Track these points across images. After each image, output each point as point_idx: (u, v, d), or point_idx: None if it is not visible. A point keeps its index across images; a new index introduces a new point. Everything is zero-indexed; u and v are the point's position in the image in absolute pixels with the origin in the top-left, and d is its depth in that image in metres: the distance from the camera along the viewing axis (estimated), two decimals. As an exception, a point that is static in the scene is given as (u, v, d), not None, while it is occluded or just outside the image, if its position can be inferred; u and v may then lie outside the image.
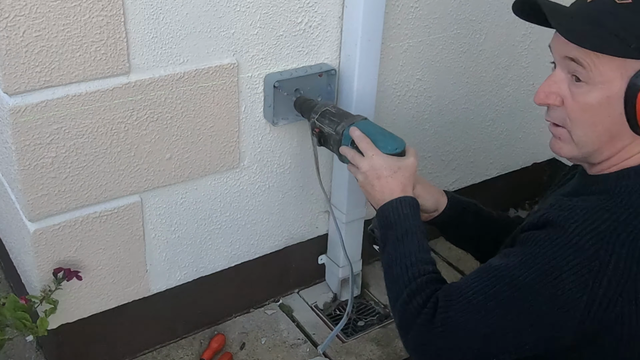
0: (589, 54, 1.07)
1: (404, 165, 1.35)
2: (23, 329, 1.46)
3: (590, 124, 1.11)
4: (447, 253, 2.29)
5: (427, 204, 1.43)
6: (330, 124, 1.52)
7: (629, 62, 1.05)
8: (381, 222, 1.31)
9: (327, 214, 2.02)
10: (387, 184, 1.33)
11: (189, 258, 1.82)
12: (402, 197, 1.31)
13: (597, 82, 1.08)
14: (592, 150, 1.14)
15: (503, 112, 2.25)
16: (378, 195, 1.33)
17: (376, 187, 1.34)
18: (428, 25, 1.91)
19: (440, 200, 1.46)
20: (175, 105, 1.57)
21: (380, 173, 1.33)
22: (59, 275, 1.57)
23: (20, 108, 1.38)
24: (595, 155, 1.15)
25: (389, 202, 1.31)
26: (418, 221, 1.29)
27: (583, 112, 1.11)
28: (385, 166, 1.34)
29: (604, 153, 1.14)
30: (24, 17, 1.31)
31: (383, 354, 1.92)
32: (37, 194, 1.49)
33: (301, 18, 1.67)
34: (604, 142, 1.12)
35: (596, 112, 1.10)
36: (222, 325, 1.98)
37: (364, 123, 1.47)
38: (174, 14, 1.49)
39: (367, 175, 1.35)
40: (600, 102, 1.09)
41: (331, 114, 1.54)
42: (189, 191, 1.72)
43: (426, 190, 1.43)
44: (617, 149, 1.12)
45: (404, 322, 1.19)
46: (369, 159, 1.36)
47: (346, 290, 2.07)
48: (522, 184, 2.44)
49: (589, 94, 1.09)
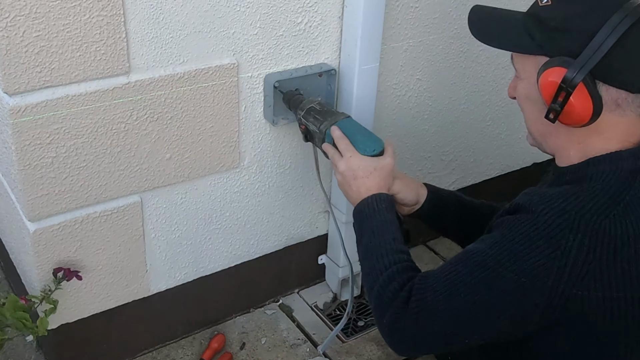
0: (515, 55, 1.22)
1: (379, 166, 1.41)
2: (23, 329, 1.46)
3: (526, 113, 1.26)
4: (446, 253, 2.29)
5: (407, 198, 1.50)
6: (315, 121, 1.56)
7: (539, 59, 1.16)
8: (357, 217, 1.39)
9: (327, 214, 2.02)
10: (363, 184, 1.40)
11: (189, 258, 1.82)
12: (376, 194, 1.38)
13: (523, 77, 1.22)
14: (540, 140, 1.26)
15: (503, 112, 2.25)
16: (355, 195, 1.41)
17: (353, 187, 1.41)
18: (428, 25, 1.91)
19: (420, 193, 1.53)
20: (175, 105, 1.57)
21: (356, 174, 1.40)
22: (58, 275, 1.57)
23: (20, 108, 1.38)
24: (545, 145, 1.25)
25: (365, 199, 1.38)
26: (392, 215, 1.36)
27: (520, 102, 1.26)
28: (361, 167, 1.41)
29: (550, 143, 1.24)
30: (24, 17, 1.31)
31: (383, 354, 1.92)
32: (37, 194, 1.49)
33: (301, 18, 1.67)
34: (542, 131, 1.23)
35: (525, 102, 1.24)
36: (222, 325, 1.98)
37: (346, 122, 1.51)
38: (174, 14, 1.49)
39: (345, 176, 1.42)
40: (525, 94, 1.22)
41: (316, 112, 1.57)
42: (189, 191, 1.72)
43: (405, 184, 1.50)
44: (562, 139, 1.20)
45: (380, 306, 1.24)
46: (346, 160, 1.43)
47: (346, 290, 2.07)
48: (522, 184, 2.42)
49: (519, 87, 1.24)
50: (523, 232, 1.12)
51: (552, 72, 1.12)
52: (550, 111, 1.14)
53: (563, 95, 1.11)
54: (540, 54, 1.16)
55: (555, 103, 1.12)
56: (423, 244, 2.33)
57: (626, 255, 1.10)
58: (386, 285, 1.23)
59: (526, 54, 1.19)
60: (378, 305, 1.24)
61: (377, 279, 1.26)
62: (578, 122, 1.14)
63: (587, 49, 1.09)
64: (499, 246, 1.14)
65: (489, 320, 1.16)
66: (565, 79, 1.10)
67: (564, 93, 1.11)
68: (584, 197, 1.12)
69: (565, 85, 1.10)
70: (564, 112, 1.13)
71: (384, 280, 1.24)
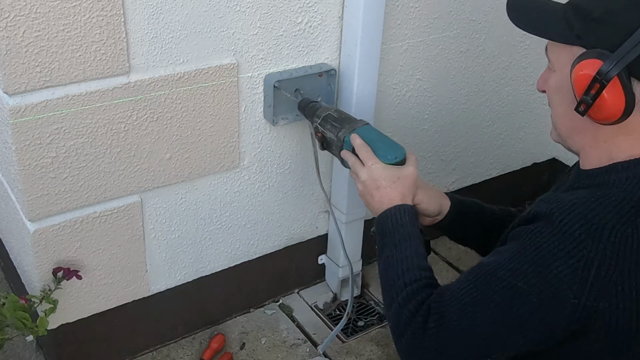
0: (551, 44, 1.17)
1: (403, 175, 1.35)
2: (23, 328, 1.46)
3: (554, 107, 1.21)
4: (447, 253, 2.29)
5: (430, 209, 1.43)
6: (332, 129, 1.51)
7: (575, 49, 1.11)
8: (379, 229, 1.32)
9: (327, 214, 2.02)
10: (386, 194, 1.33)
11: (189, 258, 1.82)
12: (400, 205, 1.32)
13: (557, 69, 1.17)
14: (565, 136, 1.21)
15: (503, 112, 2.25)
16: (377, 205, 1.34)
17: (375, 197, 1.35)
18: (428, 25, 1.91)
19: (443, 204, 1.46)
20: (175, 105, 1.57)
21: (379, 183, 1.34)
22: (58, 274, 1.57)
23: (20, 108, 1.38)
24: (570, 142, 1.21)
25: (387, 210, 1.32)
26: (416, 229, 1.30)
27: (550, 95, 1.20)
28: (384, 176, 1.34)
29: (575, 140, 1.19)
30: (24, 17, 1.31)
31: (383, 354, 1.92)
32: (37, 194, 1.49)
33: (301, 18, 1.67)
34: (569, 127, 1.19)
35: (555, 95, 1.19)
36: (222, 325, 1.98)
37: (365, 129, 1.46)
38: (174, 14, 1.49)
39: (367, 185, 1.36)
40: (556, 86, 1.17)
41: (333, 119, 1.53)
42: (189, 191, 1.72)
43: (428, 195, 1.43)
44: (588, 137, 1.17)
45: (398, 326, 1.19)
46: (368, 169, 1.37)
47: (346, 290, 2.07)
48: (522, 184, 2.44)
49: (551, 78, 1.19)
50: (542, 243, 1.08)
51: (587, 63, 1.08)
52: (581, 103, 1.09)
53: (596, 88, 1.06)
54: (577, 44, 1.11)
55: (587, 95, 1.08)
56: (423, 244, 2.33)
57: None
58: (404, 305, 1.18)
59: (562, 44, 1.14)
60: (396, 325, 1.20)
61: (397, 297, 1.21)
62: (607, 119, 1.09)
63: (626, 43, 1.05)
64: (518, 259, 1.09)
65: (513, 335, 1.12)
66: (600, 72, 1.06)
67: (597, 86, 1.06)
68: (606, 204, 1.07)
69: (600, 78, 1.06)
70: (594, 106, 1.08)
71: (403, 299, 1.19)
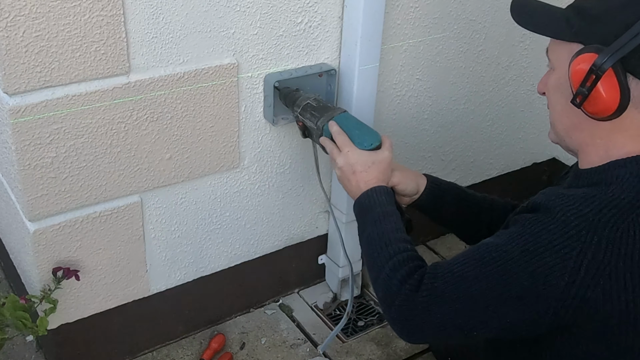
0: (551, 44, 1.21)
1: (377, 160, 1.43)
2: (23, 328, 1.46)
3: (553, 106, 1.24)
4: (447, 253, 2.29)
5: (408, 188, 1.52)
6: (312, 118, 1.58)
7: (574, 46, 1.15)
8: (357, 211, 1.40)
9: (327, 214, 2.02)
10: (362, 178, 1.41)
11: (189, 258, 1.82)
12: (376, 187, 1.39)
13: (556, 67, 1.21)
14: (563, 134, 1.23)
15: (503, 112, 2.25)
16: (354, 189, 1.42)
17: (352, 182, 1.43)
18: (428, 25, 1.91)
19: (419, 183, 1.55)
20: (175, 105, 1.58)
21: (355, 168, 1.42)
22: (58, 274, 1.57)
23: (20, 108, 1.38)
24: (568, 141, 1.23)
25: (364, 192, 1.40)
26: (393, 207, 1.37)
27: (549, 94, 1.24)
28: (360, 162, 1.42)
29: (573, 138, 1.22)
30: (24, 17, 1.31)
31: (383, 354, 1.92)
32: (37, 194, 1.49)
33: (301, 18, 1.67)
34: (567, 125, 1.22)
35: (554, 94, 1.22)
36: (222, 325, 1.98)
37: (343, 117, 1.53)
38: (174, 14, 1.49)
39: (344, 171, 1.44)
40: (555, 84, 1.21)
41: (312, 108, 1.59)
42: (189, 191, 1.72)
43: (404, 175, 1.52)
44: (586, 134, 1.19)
45: (389, 293, 1.23)
46: (345, 155, 1.44)
47: (346, 290, 2.07)
48: (522, 184, 2.44)
49: (551, 78, 1.22)
50: (539, 231, 1.11)
51: (584, 58, 1.11)
52: (577, 95, 1.13)
53: (592, 80, 1.10)
54: (575, 41, 1.15)
55: (584, 87, 1.11)
56: (423, 244, 2.33)
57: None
58: (393, 273, 1.22)
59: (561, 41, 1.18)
60: (386, 294, 1.23)
61: (383, 268, 1.25)
62: (603, 112, 1.12)
63: (621, 37, 1.08)
64: (515, 243, 1.13)
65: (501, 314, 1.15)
66: (595, 63, 1.09)
67: (592, 77, 1.09)
68: (602, 200, 1.11)
69: (595, 69, 1.09)
70: (590, 98, 1.11)
71: (390, 269, 1.23)
